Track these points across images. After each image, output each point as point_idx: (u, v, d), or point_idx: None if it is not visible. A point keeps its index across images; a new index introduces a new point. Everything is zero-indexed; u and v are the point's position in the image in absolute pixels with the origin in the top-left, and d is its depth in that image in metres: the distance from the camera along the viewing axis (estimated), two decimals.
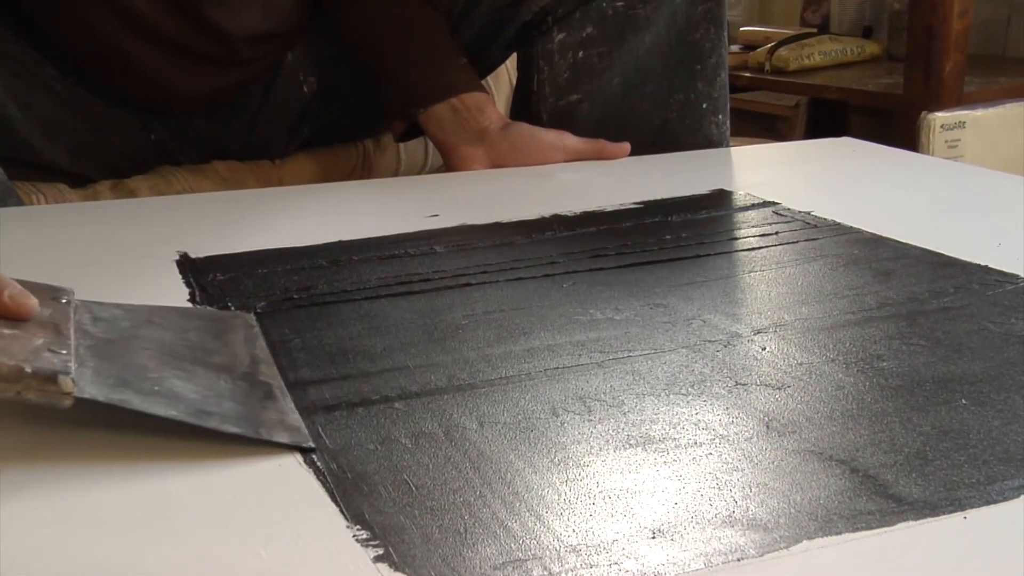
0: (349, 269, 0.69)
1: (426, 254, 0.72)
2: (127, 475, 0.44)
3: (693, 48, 1.06)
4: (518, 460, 0.44)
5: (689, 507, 0.40)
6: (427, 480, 0.42)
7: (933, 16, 1.73)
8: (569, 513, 0.40)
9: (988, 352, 0.54)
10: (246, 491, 0.42)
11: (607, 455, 0.44)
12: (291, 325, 0.60)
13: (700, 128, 1.08)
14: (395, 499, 0.41)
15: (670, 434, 0.46)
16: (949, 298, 0.62)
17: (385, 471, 0.43)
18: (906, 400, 0.49)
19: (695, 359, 0.54)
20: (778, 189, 0.88)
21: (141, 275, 0.69)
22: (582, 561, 0.37)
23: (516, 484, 0.42)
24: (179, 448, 0.46)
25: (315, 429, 0.47)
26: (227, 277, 0.67)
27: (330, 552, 0.37)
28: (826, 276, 0.66)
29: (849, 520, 0.39)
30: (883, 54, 2.23)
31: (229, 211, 0.87)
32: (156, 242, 0.75)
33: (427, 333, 0.58)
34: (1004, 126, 1.77)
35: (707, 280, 0.66)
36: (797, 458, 0.44)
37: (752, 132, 2.31)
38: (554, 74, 1.06)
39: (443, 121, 1.03)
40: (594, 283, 0.66)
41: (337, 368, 0.54)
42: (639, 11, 1.04)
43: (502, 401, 0.50)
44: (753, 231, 0.76)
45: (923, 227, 0.75)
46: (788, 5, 2.55)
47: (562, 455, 0.44)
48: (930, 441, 0.45)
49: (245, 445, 0.45)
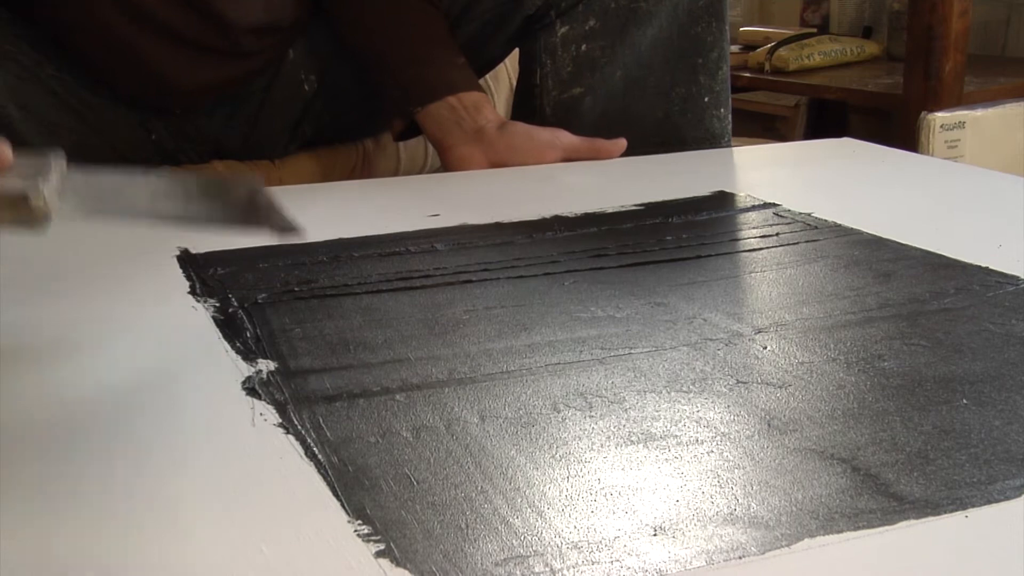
0: (350, 265, 0.69)
1: (427, 251, 0.72)
2: (127, 470, 0.43)
3: (695, 42, 1.06)
4: (519, 455, 0.44)
5: (690, 504, 0.40)
6: (428, 474, 0.42)
7: (933, 16, 1.73)
8: (571, 509, 0.40)
9: (989, 352, 0.54)
10: (247, 485, 0.42)
11: (608, 452, 0.44)
12: (292, 315, 0.60)
13: (702, 121, 1.09)
14: (396, 493, 0.41)
15: (671, 431, 0.46)
16: (950, 299, 0.62)
17: (386, 465, 0.43)
18: (907, 399, 0.49)
19: (696, 357, 0.54)
20: (778, 190, 0.87)
21: (142, 270, 0.69)
22: (584, 558, 0.37)
23: (518, 479, 0.42)
24: (178, 443, 0.46)
25: (316, 420, 0.47)
26: (228, 271, 0.67)
27: (331, 547, 0.37)
28: (827, 277, 0.66)
29: (850, 518, 0.39)
30: (883, 54, 2.24)
31: None
32: (157, 239, 0.75)
33: (428, 327, 0.58)
34: (1004, 126, 1.77)
35: (708, 280, 0.66)
36: (798, 456, 0.44)
37: (752, 132, 2.31)
38: (557, 67, 1.06)
39: (440, 120, 1.03)
40: (595, 282, 0.66)
41: (338, 358, 0.54)
42: (641, 5, 1.04)
43: (503, 395, 0.50)
44: (754, 232, 0.76)
45: (923, 228, 0.75)
46: (788, 5, 2.55)
47: (563, 451, 0.44)
48: (931, 440, 0.45)
49: (246, 437, 0.45)
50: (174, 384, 0.52)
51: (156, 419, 0.48)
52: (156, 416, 0.48)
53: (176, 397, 0.50)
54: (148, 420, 0.47)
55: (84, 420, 0.47)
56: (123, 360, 0.55)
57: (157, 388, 0.51)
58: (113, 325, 0.59)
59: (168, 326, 0.59)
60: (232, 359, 0.54)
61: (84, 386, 0.52)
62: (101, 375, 0.53)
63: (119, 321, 0.60)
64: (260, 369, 0.52)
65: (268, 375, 0.52)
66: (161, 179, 0.51)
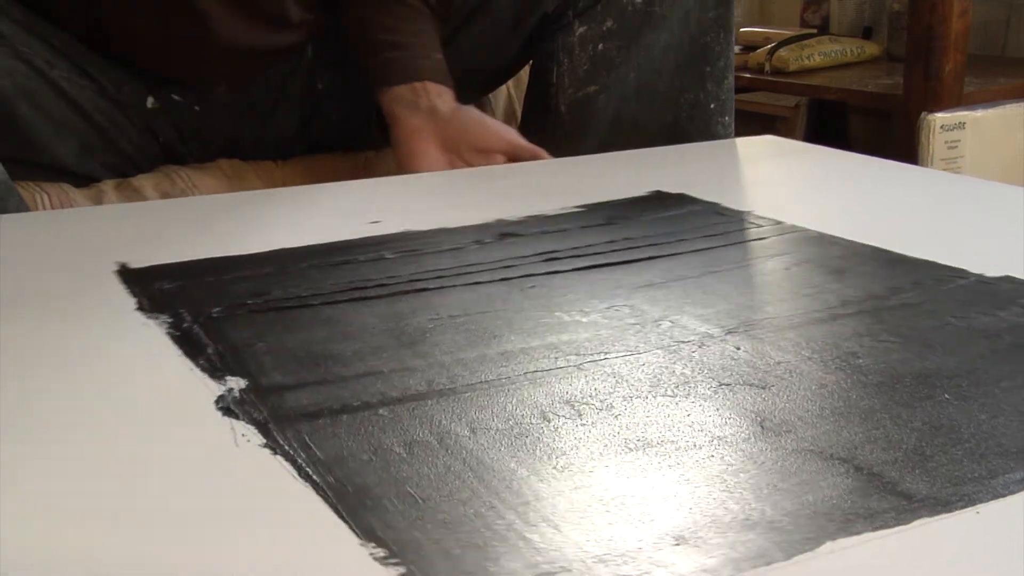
0: (300, 276, 0.67)
1: (377, 260, 0.70)
2: (112, 503, 0.41)
3: (704, 51, 1.11)
4: (520, 468, 0.43)
5: (704, 511, 0.40)
6: (432, 491, 0.41)
7: (933, 16, 1.74)
8: (586, 522, 0.39)
9: (956, 347, 0.55)
10: (245, 511, 0.40)
11: (608, 460, 0.44)
12: (251, 330, 0.58)
13: (708, 128, 1.13)
14: (403, 512, 0.40)
15: (667, 437, 0.46)
16: (908, 294, 0.63)
17: (386, 483, 0.42)
18: (890, 396, 0.49)
19: (673, 360, 0.54)
20: (713, 188, 0.88)
21: (82, 288, 0.66)
22: (611, 572, 0.36)
23: (525, 493, 0.41)
24: (159, 470, 0.43)
25: (302, 438, 0.45)
26: (174, 286, 0.65)
27: (352, 573, 0.36)
28: (782, 275, 0.67)
29: (867, 519, 0.39)
30: (883, 55, 2.24)
31: (161, 221, 0.84)
32: (91, 254, 0.72)
33: (394, 337, 0.57)
34: (1004, 126, 1.79)
35: (665, 282, 0.66)
36: (799, 458, 0.44)
37: (752, 133, 2.29)
38: (574, 66, 1.11)
39: (399, 98, 1.06)
40: (553, 286, 0.65)
41: (310, 373, 0.52)
42: (656, 8, 1.09)
43: (488, 406, 0.49)
44: (700, 232, 0.76)
45: (859, 224, 0.76)
46: (788, 5, 2.56)
47: (563, 461, 0.43)
48: (924, 437, 0.45)
49: (232, 460, 0.43)
50: (142, 406, 0.49)
51: (131, 444, 0.45)
52: (130, 441, 0.46)
53: (147, 420, 0.48)
54: (123, 446, 0.45)
55: (55, 449, 0.45)
56: (84, 384, 0.52)
57: (125, 411, 0.49)
58: (63, 347, 0.57)
59: (123, 345, 0.57)
60: (199, 377, 0.52)
61: (45, 412, 0.49)
62: (60, 402, 0.50)
63: (69, 343, 0.57)
64: (231, 387, 0.50)
65: (240, 393, 0.50)
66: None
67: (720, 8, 1.11)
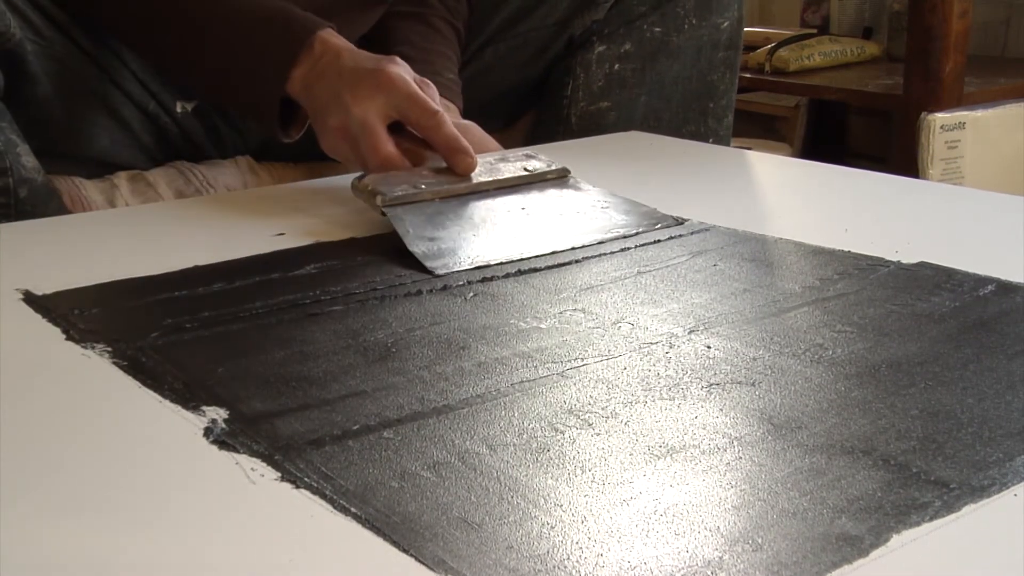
0: (227, 295, 0.64)
1: (305, 275, 0.67)
2: (131, 557, 0.38)
3: (710, 88, 1.19)
4: (560, 485, 0.42)
5: (764, 515, 0.39)
6: (482, 515, 0.39)
7: (933, 16, 1.76)
8: (655, 535, 0.38)
9: (911, 334, 0.57)
10: (294, 554, 0.37)
11: (642, 468, 0.43)
12: (203, 354, 0.55)
13: None
14: (464, 539, 0.38)
15: (687, 441, 0.45)
16: (840, 284, 0.64)
17: (431, 510, 0.40)
18: (877, 387, 0.50)
19: (652, 362, 0.53)
20: (595, 186, 0.88)
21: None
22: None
23: (580, 510, 0.40)
24: (175, 517, 0.40)
25: (318, 468, 0.43)
26: (93, 312, 0.60)
27: None
28: (716, 272, 0.67)
29: (920, 510, 0.40)
30: (883, 55, 2.25)
31: (51, 240, 0.78)
32: None
33: (360, 354, 0.55)
34: (1004, 127, 1.81)
35: (605, 283, 0.66)
36: (823, 454, 0.44)
37: (752, 133, 2.32)
38: (589, 81, 1.16)
39: None
40: (493, 293, 0.64)
41: (288, 398, 0.50)
42: (672, 38, 1.16)
43: (494, 421, 0.47)
44: (619, 232, 0.76)
45: (755, 217, 0.78)
46: (788, 6, 2.54)
47: (598, 474, 0.42)
48: (928, 425, 0.46)
49: (253, 498, 0.40)
50: (125, 447, 0.46)
51: (132, 493, 0.42)
52: (130, 488, 0.42)
53: (137, 460, 0.44)
54: (124, 494, 0.42)
55: (57, 501, 0.41)
56: (46, 425, 0.48)
57: (108, 456, 0.45)
58: (10, 387, 0.52)
59: (76, 379, 0.52)
60: (171, 409, 0.48)
61: (30, 464, 0.44)
62: (39, 449, 0.46)
63: (15, 382, 0.52)
64: (213, 418, 0.47)
65: (226, 423, 0.47)
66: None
67: (730, 50, 1.19)
